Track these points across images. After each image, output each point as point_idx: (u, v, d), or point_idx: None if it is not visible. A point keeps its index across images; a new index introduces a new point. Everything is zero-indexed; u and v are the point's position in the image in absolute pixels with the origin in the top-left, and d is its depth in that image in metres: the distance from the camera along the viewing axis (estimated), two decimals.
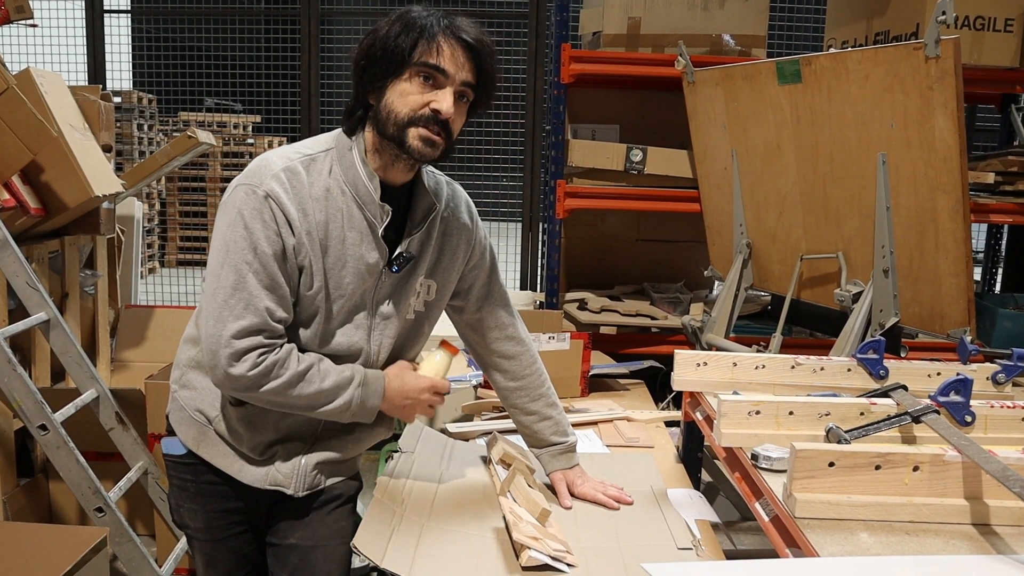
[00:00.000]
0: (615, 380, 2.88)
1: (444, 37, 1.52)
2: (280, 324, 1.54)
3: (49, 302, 2.71)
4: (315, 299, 1.59)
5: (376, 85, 1.55)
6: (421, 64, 1.52)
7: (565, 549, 1.53)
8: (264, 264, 1.51)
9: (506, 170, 6.72)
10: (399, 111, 1.53)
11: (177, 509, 1.78)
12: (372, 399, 1.62)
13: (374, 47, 1.54)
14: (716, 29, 3.64)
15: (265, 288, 1.51)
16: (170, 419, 1.76)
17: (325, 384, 1.56)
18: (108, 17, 5.85)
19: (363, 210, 1.59)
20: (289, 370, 1.53)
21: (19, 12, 3.24)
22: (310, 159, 1.59)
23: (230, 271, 1.51)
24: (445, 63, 1.52)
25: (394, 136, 1.55)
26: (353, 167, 1.58)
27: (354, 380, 1.60)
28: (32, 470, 3.15)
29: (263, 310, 1.51)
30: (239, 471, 1.69)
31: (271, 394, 1.53)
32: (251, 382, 1.51)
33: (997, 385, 2.00)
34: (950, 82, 2.13)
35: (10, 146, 2.83)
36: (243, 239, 1.51)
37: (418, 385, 1.66)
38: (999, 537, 1.35)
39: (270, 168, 1.55)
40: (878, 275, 2.42)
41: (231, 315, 1.50)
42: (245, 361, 1.50)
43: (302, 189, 1.55)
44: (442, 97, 1.53)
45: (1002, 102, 4.33)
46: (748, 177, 3.03)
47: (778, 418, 1.67)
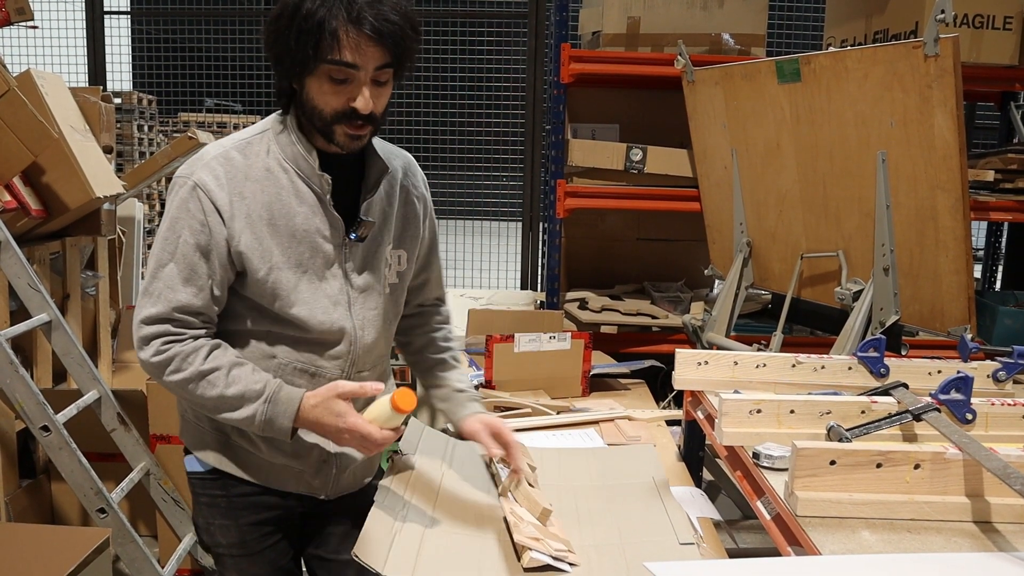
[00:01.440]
0: (616, 380, 2.88)
1: (346, 27, 1.43)
2: (193, 316, 1.52)
3: (51, 303, 2.71)
4: (270, 280, 1.55)
5: (289, 75, 1.52)
6: (328, 62, 1.45)
7: (567, 549, 1.53)
8: (184, 254, 1.51)
9: (506, 170, 6.73)
10: (321, 109, 1.51)
11: (207, 528, 1.73)
12: (281, 419, 1.51)
13: (280, 35, 1.47)
14: (715, 28, 3.64)
15: (183, 279, 1.51)
16: (185, 440, 1.73)
17: (229, 391, 1.51)
18: (108, 18, 5.85)
19: (308, 183, 1.57)
20: (192, 366, 1.50)
21: (20, 14, 3.24)
22: (246, 143, 1.58)
23: (153, 259, 1.54)
24: (352, 57, 1.45)
25: (321, 130, 1.54)
26: (291, 144, 1.57)
27: (263, 395, 1.51)
28: (34, 471, 3.16)
29: (173, 300, 1.50)
30: (268, 478, 1.68)
31: (176, 387, 1.53)
32: (154, 369, 1.52)
33: (998, 383, 2.00)
34: (949, 80, 2.14)
35: (11, 147, 2.83)
36: (168, 229, 1.53)
37: (335, 423, 1.50)
38: (1000, 534, 1.35)
39: (203, 158, 1.55)
40: (878, 273, 2.42)
41: (148, 301, 1.52)
42: (150, 347, 1.51)
43: (237, 173, 1.53)
44: (358, 94, 1.48)
45: (1001, 100, 4.34)
46: (748, 176, 3.03)
47: (779, 417, 1.67)
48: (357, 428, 1.49)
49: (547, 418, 2.35)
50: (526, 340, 2.58)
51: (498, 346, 2.55)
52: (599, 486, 1.88)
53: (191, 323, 1.52)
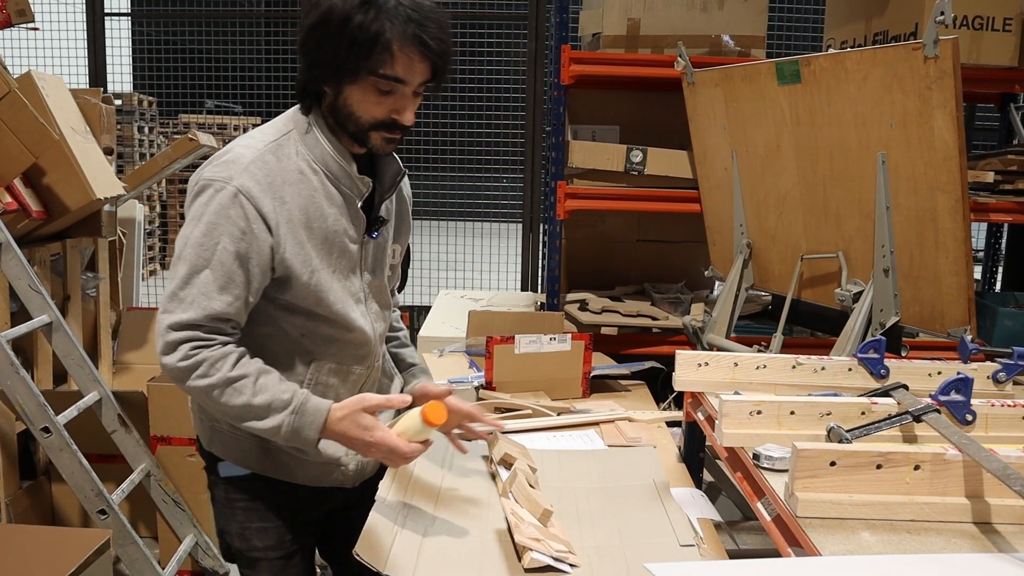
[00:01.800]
0: (616, 381, 2.88)
1: (404, 45, 1.45)
2: (224, 323, 1.51)
3: (51, 305, 2.71)
4: (313, 282, 1.56)
5: (327, 79, 1.51)
6: (380, 76, 1.47)
7: (567, 549, 1.53)
8: (222, 262, 1.48)
9: (506, 171, 6.73)
10: (360, 117, 1.52)
11: (241, 533, 1.72)
12: (308, 431, 1.50)
13: (325, 40, 1.46)
14: (715, 30, 3.64)
15: (219, 287, 1.48)
16: (215, 450, 1.71)
17: (256, 400, 1.49)
18: (109, 20, 5.85)
19: (337, 185, 1.58)
20: (220, 372, 1.48)
21: (21, 15, 3.25)
22: (276, 144, 1.55)
23: (185, 264, 1.49)
24: (405, 74, 1.48)
25: (355, 135, 1.55)
26: (319, 145, 1.56)
27: (290, 405, 1.50)
28: (35, 472, 3.16)
29: (208, 308, 1.48)
30: (308, 477, 1.69)
31: (200, 393, 1.50)
32: (180, 374, 1.48)
33: (998, 384, 2.00)
34: (949, 82, 2.14)
35: (12, 149, 2.84)
36: (204, 235, 1.48)
37: (363, 437, 1.51)
38: (1000, 535, 1.35)
39: (238, 162, 1.51)
40: (878, 275, 2.42)
41: (179, 307, 1.48)
42: (178, 352, 1.47)
43: (275, 177, 1.52)
44: (403, 107, 1.52)
45: (1001, 101, 4.34)
46: (748, 177, 3.03)
47: (779, 418, 1.67)
48: (385, 442, 1.50)
49: (547, 419, 2.35)
50: (526, 341, 2.58)
51: (498, 347, 2.55)
52: (599, 488, 1.89)
53: (222, 330, 1.51)
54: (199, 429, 1.75)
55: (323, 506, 1.77)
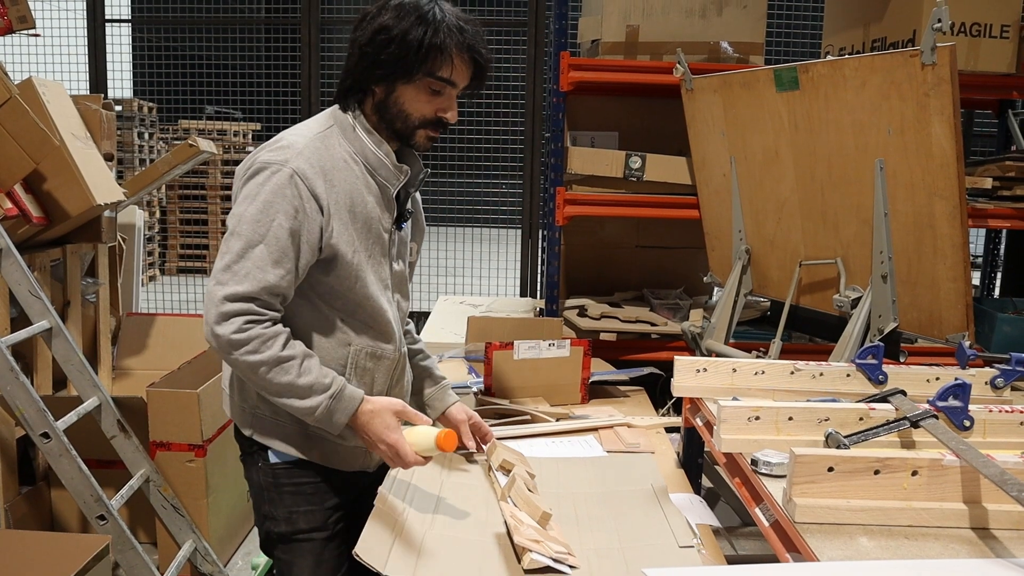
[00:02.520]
0: (615, 387, 2.88)
1: (458, 52, 1.64)
2: (276, 298, 1.60)
3: (51, 310, 2.72)
4: (355, 263, 1.67)
5: (384, 79, 1.66)
6: (435, 78, 1.64)
7: (567, 551, 1.54)
8: (278, 237, 1.58)
9: (506, 177, 6.74)
10: (410, 114, 1.68)
11: (288, 517, 1.79)
12: (340, 415, 1.63)
13: (389, 44, 1.61)
14: (714, 36, 3.65)
15: (273, 261, 1.57)
16: (257, 436, 1.78)
17: (301, 380, 1.59)
18: (109, 26, 5.87)
19: (374, 175, 1.70)
20: (271, 350, 1.57)
21: (22, 22, 3.26)
22: (323, 135, 1.69)
23: (239, 239, 1.58)
24: (456, 77, 1.67)
25: (401, 131, 1.70)
26: (358, 139, 1.69)
27: (330, 389, 1.62)
28: (34, 478, 3.16)
29: (263, 280, 1.56)
30: (342, 461, 1.80)
31: (247, 368, 1.58)
32: (230, 345, 1.56)
33: (995, 390, 2.01)
34: (946, 89, 2.15)
35: (13, 155, 2.84)
36: (260, 212, 1.58)
37: (380, 433, 1.64)
38: (998, 541, 1.35)
39: (292, 147, 1.63)
40: (876, 280, 2.43)
41: (232, 279, 1.57)
42: (231, 323, 1.55)
43: (326, 162, 1.64)
44: (451, 107, 1.70)
45: (999, 107, 4.35)
46: (747, 183, 3.04)
47: (778, 423, 1.68)
48: (397, 445, 1.62)
49: (546, 425, 2.35)
50: (525, 347, 2.58)
51: (497, 353, 2.55)
52: (598, 493, 1.89)
53: (273, 305, 1.60)
54: (238, 417, 1.82)
55: (352, 489, 1.87)
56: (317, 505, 1.80)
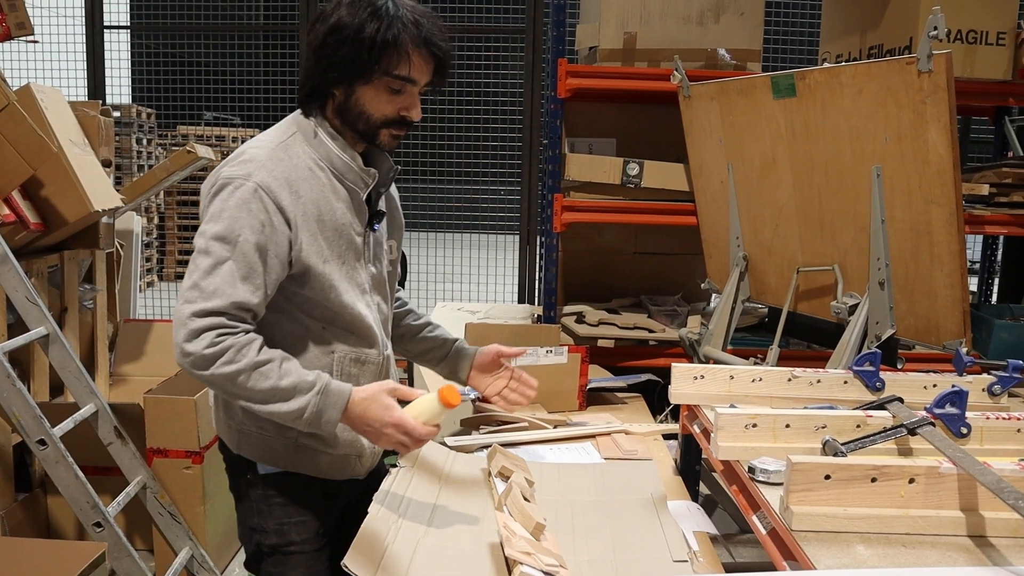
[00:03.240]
0: (613, 393, 2.88)
1: (415, 47, 1.59)
2: (247, 313, 1.56)
3: (48, 317, 2.71)
4: (326, 273, 1.64)
5: (342, 81, 1.61)
6: (393, 76, 1.59)
7: (558, 563, 1.53)
8: (244, 253, 1.54)
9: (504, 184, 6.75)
10: (372, 115, 1.64)
11: (280, 529, 1.75)
12: (330, 411, 1.56)
13: (341, 45, 1.57)
14: (711, 44, 3.66)
15: (241, 277, 1.54)
16: (245, 452, 1.75)
17: (283, 382, 1.54)
18: (108, 33, 5.86)
19: (342, 180, 1.67)
20: (247, 358, 1.52)
21: (20, 28, 3.26)
22: (285, 144, 1.65)
23: (207, 257, 1.55)
24: (415, 74, 1.61)
25: (364, 132, 1.66)
26: (323, 145, 1.66)
27: (315, 386, 1.56)
28: (30, 485, 3.15)
29: (232, 296, 1.53)
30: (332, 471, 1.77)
31: (224, 380, 1.53)
32: (204, 361, 1.51)
33: (993, 396, 2.01)
34: (943, 96, 2.15)
35: (10, 161, 2.84)
36: (226, 228, 1.54)
37: (382, 417, 1.56)
38: (995, 549, 1.35)
39: (255, 160, 1.60)
40: (874, 287, 2.43)
41: (200, 296, 1.53)
42: (202, 339, 1.51)
43: (290, 173, 1.61)
44: (413, 105, 1.65)
45: (996, 114, 4.36)
46: (744, 190, 3.04)
47: (775, 431, 1.67)
48: (403, 422, 1.56)
49: (544, 432, 2.35)
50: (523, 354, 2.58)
51: None
52: (597, 501, 1.89)
53: (244, 319, 1.57)
54: (225, 434, 1.79)
55: (343, 499, 1.85)
56: (308, 516, 1.77)
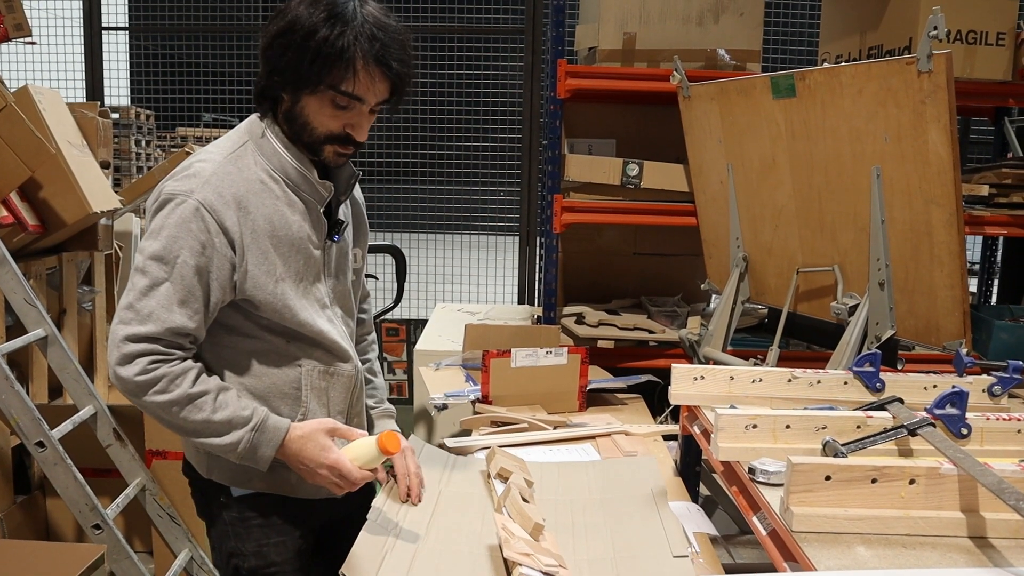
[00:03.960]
0: (613, 394, 2.88)
1: (364, 64, 1.46)
2: (183, 338, 1.50)
3: (47, 318, 2.71)
4: (278, 292, 1.55)
5: (287, 86, 1.51)
6: (338, 91, 1.48)
7: (558, 564, 1.53)
8: (183, 275, 1.47)
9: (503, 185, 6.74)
10: (316, 127, 1.53)
11: (258, 552, 1.70)
12: (264, 448, 1.52)
13: (287, 50, 1.46)
14: (711, 44, 3.66)
15: (179, 300, 1.47)
16: (216, 476, 1.69)
17: (216, 416, 1.49)
18: (106, 34, 5.87)
19: (298, 192, 1.58)
20: (180, 388, 1.47)
21: (18, 30, 3.26)
22: (235, 156, 1.55)
23: (144, 276, 1.48)
24: (362, 92, 1.49)
25: (308, 144, 1.56)
26: (276, 154, 1.56)
27: (251, 422, 1.51)
28: (29, 487, 3.15)
29: (168, 321, 1.47)
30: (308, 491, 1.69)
31: (157, 408, 1.49)
32: (137, 388, 1.47)
33: (993, 397, 2.00)
34: (943, 96, 2.15)
35: (8, 163, 2.84)
36: (164, 248, 1.47)
37: (317, 457, 1.52)
38: (996, 550, 1.35)
39: (199, 175, 1.51)
40: (874, 288, 2.43)
41: (135, 318, 1.47)
42: (135, 365, 1.46)
43: (238, 188, 1.51)
44: (358, 123, 1.53)
45: (995, 115, 4.36)
46: (744, 191, 3.04)
47: (775, 432, 1.67)
48: (338, 465, 1.51)
49: (544, 433, 2.34)
50: (523, 355, 2.58)
51: (495, 361, 2.55)
52: (598, 499, 1.88)
53: (181, 344, 1.50)
54: (194, 458, 1.73)
55: (322, 517, 1.78)
56: (287, 536, 1.72)
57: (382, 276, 4.64)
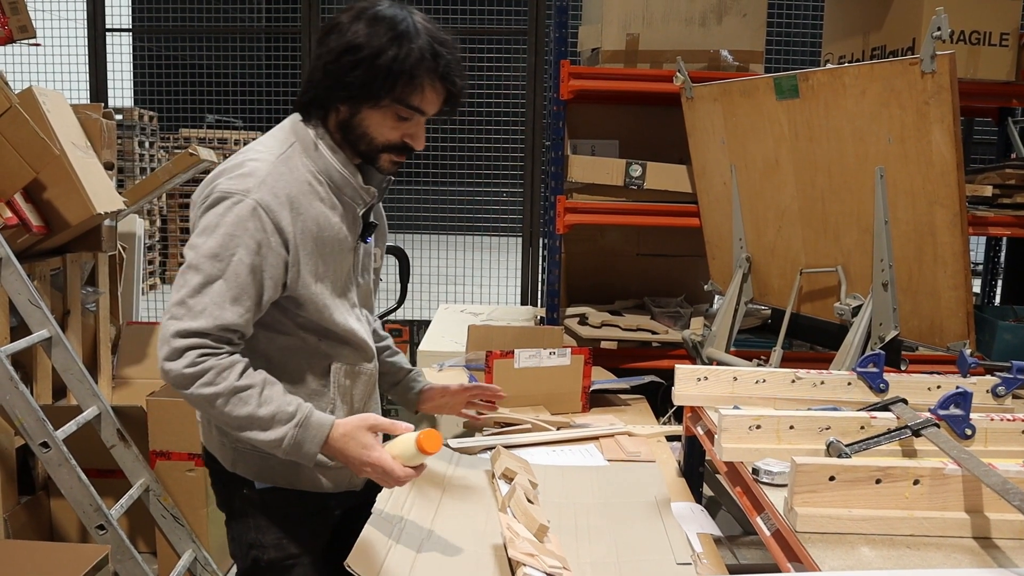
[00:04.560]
0: (616, 395, 2.88)
1: (431, 81, 1.54)
2: (234, 335, 1.52)
3: (51, 319, 2.71)
4: (319, 291, 1.60)
5: (349, 100, 1.55)
6: (404, 105, 1.54)
7: (562, 565, 1.53)
8: (237, 273, 1.49)
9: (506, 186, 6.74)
10: (375, 138, 1.58)
11: (279, 543, 1.72)
12: (309, 445, 1.52)
13: (356, 66, 1.51)
14: (714, 45, 3.66)
15: (231, 298, 1.49)
16: (240, 470, 1.71)
17: (261, 411, 1.50)
18: (110, 36, 5.88)
19: (339, 194, 1.62)
20: (226, 381, 1.48)
21: (22, 31, 3.27)
22: (286, 156, 1.59)
23: (197, 274, 1.50)
24: (426, 106, 1.57)
25: (365, 153, 1.61)
26: (322, 157, 1.60)
27: (295, 417, 1.52)
28: (33, 487, 3.15)
29: (219, 318, 1.48)
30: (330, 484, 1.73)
31: (203, 401, 1.50)
32: (184, 380, 1.48)
33: (997, 398, 2.00)
34: (946, 97, 2.15)
35: (13, 164, 2.84)
36: (220, 246, 1.49)
37: (360, 456, 1.52)
38: (1000, 550, 1.35)
39: (256, 174, 1.53)
40: (877, 289, 2.43)
41: (187, 314, 1.48)
42: (183, 358, 1.47)
43: (291, 189, 1.55)
44: (418, 134, 1.60)
45: (999, 115, 4.35)
46: (747, 192, 3.04)
47: (779, 432, 1.67)
48: (381, 463, 1.52)
49: (547, 434, 2.34)
50: (526, 356, 2.58)
51: (498, 362, 2.55)
52: (601, 503, 1.89)
53: (230, 340, 1.52)
54: (218, 451, 1.74)
55: (341, 507, 1.81)
56: (306, 529, 1.74)
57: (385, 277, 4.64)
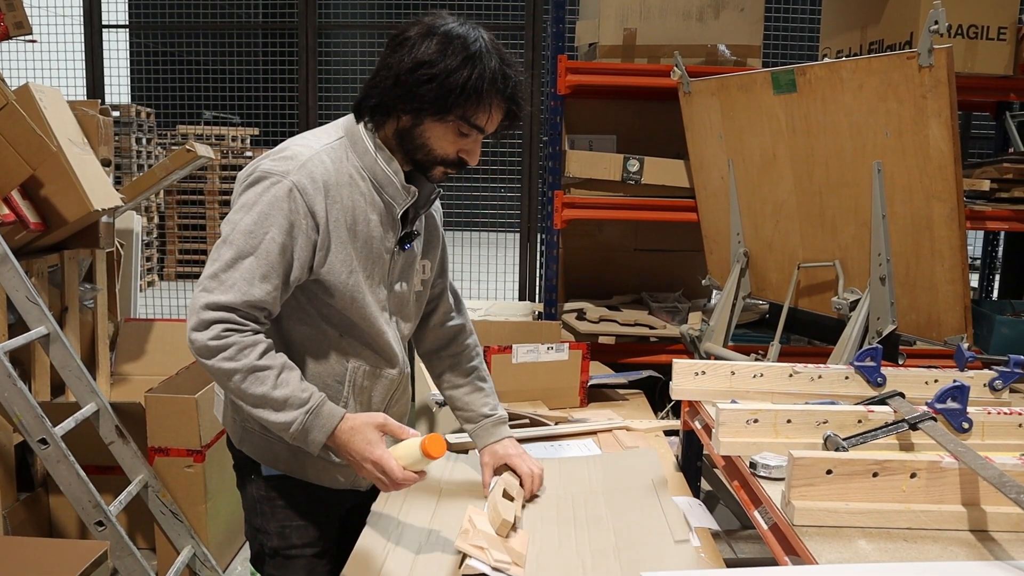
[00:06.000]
0: (614, 390, 2.88)
1: (499, 103, 1.59)
2: (259, 312, 1.55)
3: (49, 316, 2.71)
4: (351, 282, 1.62)
5: (414, 111, 1.58)
6: (468, 123, 1.58)
7: (511, 561, 1.51)
8: (268, 251, 1.53)
9: (504, 181, 6.74)
10: (433, 149, 1.61)
11: (281, 532, 1.75)
12: (316, 433, 1.54)
13: (430, 81, 1.53)
14: (711, 39, 3.66)
15: (261, 275, 1.53)
16: (246, 449, 1.75)
17: (276, 392, 1.52)
18: (106, 32, 5.87)
19: (380, 192, 1.64)
20: (247, 359, 1.51)
21: (18, 28, 3.26)
22: (331, 147, 1.63)
23: (230, 248, 1.54)
24: (488, 125, 1.61)
25: (420, 163, 1.64)
26: (368, 154, 1.63)
27: (308, 404, 1.54)
28: (32, 484, 3.16)
29: (248, 294, 1.52)
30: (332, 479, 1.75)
31: (221, 375, 1.52)
32: (207, 351, 1.51)
33: (994, 392, 2.01)
34: (943, 91, 2.15)
35: (10, 161, 2.84)
36: (255, 223, 1.53)
37: (362, 451, 1.54)
38: (996, 543, 1.35)
39: (297, 158, 1.57)
40: (875, 283, 2.43)
41: (218, 287, 1.52)
42: (209, 330, 1.51)
43: (330, 177, 1.59)
44: (474, 150, 1.64)
45: (996, 109, 4.35)
46: (744, 186, 3.04)
47: (776, 426, 1.67)
48: (382, 462, 1.53)
49: (545, 429, 2.35)
50: (524, 351, 2.58)
51: (496, 357, 2.55)
52: (599, 492, 1.89)
53: (256, 317, 1.55)
54: (230, 427, 1.79)
55: (345, 505, 1.83)
56: (310, 520, 1.76)
57: None
